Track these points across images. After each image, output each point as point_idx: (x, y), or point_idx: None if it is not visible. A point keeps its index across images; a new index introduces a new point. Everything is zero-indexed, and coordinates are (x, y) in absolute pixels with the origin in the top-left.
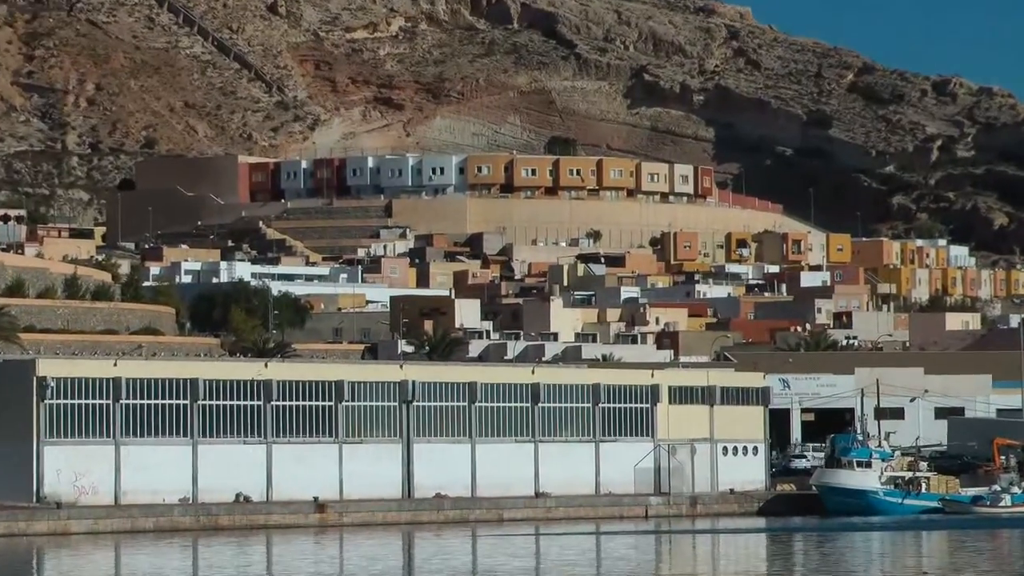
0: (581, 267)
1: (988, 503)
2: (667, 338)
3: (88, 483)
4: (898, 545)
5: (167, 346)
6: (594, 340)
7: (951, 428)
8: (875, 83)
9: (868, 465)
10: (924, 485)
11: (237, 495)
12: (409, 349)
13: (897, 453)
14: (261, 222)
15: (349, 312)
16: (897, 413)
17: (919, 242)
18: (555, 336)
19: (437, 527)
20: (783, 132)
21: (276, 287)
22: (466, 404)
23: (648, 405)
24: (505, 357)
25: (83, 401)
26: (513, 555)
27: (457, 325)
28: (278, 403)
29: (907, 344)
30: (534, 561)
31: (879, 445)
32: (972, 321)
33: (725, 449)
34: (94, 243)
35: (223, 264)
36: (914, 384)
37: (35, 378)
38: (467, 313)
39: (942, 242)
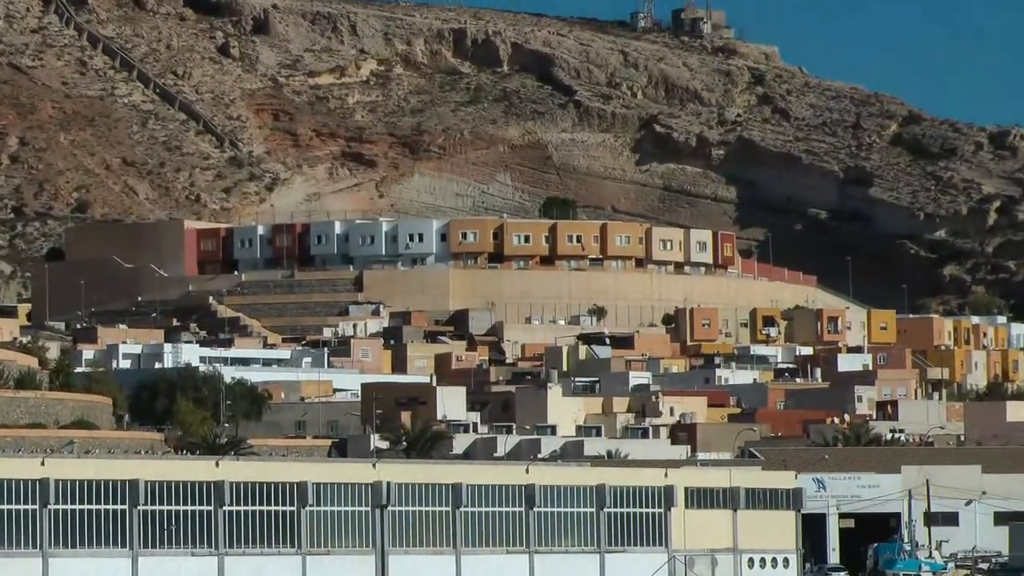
0: (583, 349)
1: None
2: (683, 431)
3: None
4: None
5: (103, 442)
6: (598, 434)
7: (1013, 535)
8: (922, 135)
9: None
10: None
11: None
12: (383, 445)
13: (951, 565)
14: (211, 298)
15: (314, 402)
16: (950, 518)
17: (975, 319)
18: (553, 429)
19: None
20: (816, 192)
21: (229, 373)
22: (450, 509)
23: (661, 510)
24: (495, 454)
25: (5, 506)
26: None
27: (439, 417)
28: (231, 508)
29: (962, 438)
30: None
31: (929, 556)
32: None
33: (751, 561)
34: (18, 322)
35: (167, 347)
36: (970, 485)
37: None
38: (451, 403)
39: (1001, 319)
